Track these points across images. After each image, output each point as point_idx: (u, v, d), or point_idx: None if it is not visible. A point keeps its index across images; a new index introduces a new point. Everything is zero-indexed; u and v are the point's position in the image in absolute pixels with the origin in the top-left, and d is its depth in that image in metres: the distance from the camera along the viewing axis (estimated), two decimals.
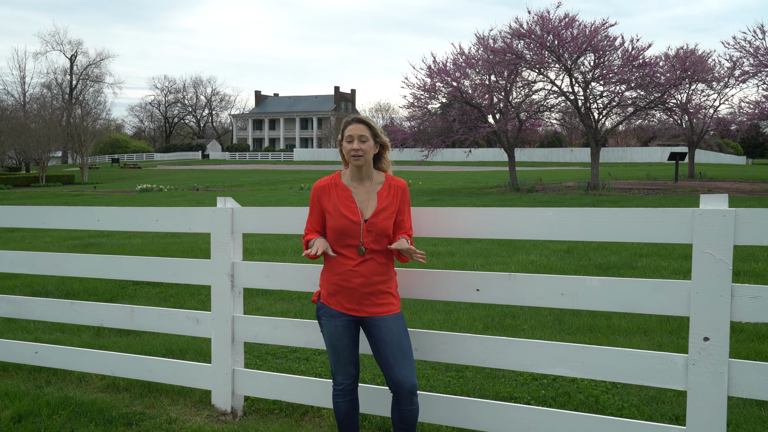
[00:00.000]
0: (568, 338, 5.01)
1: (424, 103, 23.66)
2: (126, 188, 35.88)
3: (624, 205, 15.80)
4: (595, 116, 22.29)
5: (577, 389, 4.02)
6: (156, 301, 6.58)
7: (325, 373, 4.42)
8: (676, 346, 4.70)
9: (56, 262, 4.22)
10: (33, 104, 65.62)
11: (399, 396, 2.87)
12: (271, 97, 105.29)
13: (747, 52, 22.39)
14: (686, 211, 2.80)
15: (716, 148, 56.47)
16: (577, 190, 21.18)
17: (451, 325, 5.44)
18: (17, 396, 4.08)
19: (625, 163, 54.02)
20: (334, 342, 2.96)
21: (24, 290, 7.13)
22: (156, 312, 3.99)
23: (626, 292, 2.92)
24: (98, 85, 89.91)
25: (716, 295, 2.73)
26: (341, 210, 2.92)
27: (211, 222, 3.76)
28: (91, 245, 10.93)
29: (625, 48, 20.76)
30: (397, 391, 2.87)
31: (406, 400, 2.87)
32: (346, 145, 2.92)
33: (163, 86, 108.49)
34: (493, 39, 22.59)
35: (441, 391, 4.02)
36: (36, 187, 41.78)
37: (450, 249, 9.51)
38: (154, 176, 49.69)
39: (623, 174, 33.71)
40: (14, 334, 5.41)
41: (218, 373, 3.80)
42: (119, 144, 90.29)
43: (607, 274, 7.30)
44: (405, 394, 2.86)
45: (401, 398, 2.87)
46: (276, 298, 6.60)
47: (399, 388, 2.86)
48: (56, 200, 25.77)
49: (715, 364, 2.75)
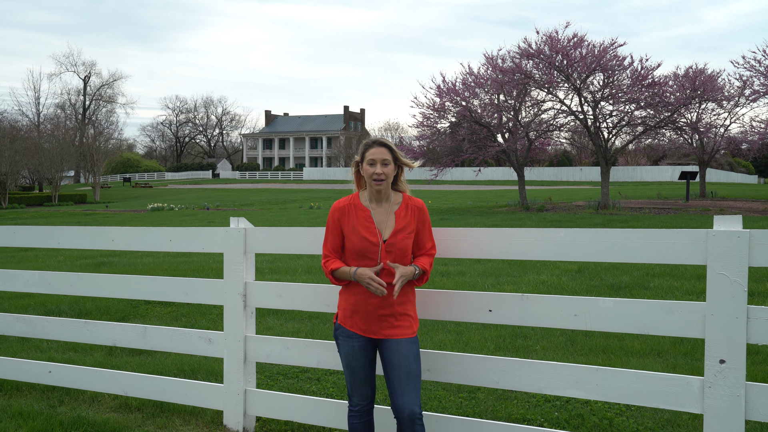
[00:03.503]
0: (580, 359, 4.97)
1: (433, 123, 23.77)
2: (137, 207, 36.14)
3: (635, 224, 15.72)
4: (605, 135, 22.28)
5: (590, 411, 3.98)
6: (167, 321, 6.60)
7: (337, 393, 4.40)
8: (691, 368, 4.65)
9: (71, 282, 4.26)
10: (47, 124, 66.56)
11: (399, 422, 2.88)
12: (281, 116, 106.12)
13: (757, 72, 22.37)
14: (700, 232, 2.79)
15: (727, 167, 56.19)
16: (588, 210, 21.11)
17: (462, 346, 5.41)
18: (31, 415, 4.09)
19: (635, 182, 53.81)
20: (351, 363, 2.96)
21: (38, 309, 7.17)
22: (169, 332, 4.01)
23: (640, 314, 2.90)
24: (111, 105, 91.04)
25: (732, 317, 2.71)
26: (360, 231, 2.93)
27: (224, 242, 3.78)
28: (103, 264, 10.99)
29: (634, 68, 20.81)
30: (398, 417, 2.87)
31: (406, 426, 2.86)
32: (368, 168, 2.93)
33: (175, 106, 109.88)
34: (501, 59, 22.73)
35: (453, 412, 3.99)
36: (49, 206, 42.17)
37: (460, 269, 9.49)
38: (164, 195, 50.03)
39: (633, 193, 33.57)
40: (28, 354, 5.44)
41: (230, 393, 3.80)
42: (131, 163, 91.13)
43: (619, 295, 7.25)
44: (404, 420, 2.85)
45: (401, 424, 2.87)
46: (287, 318, 6.60)
47: (399, 414, 2.85)
48: (69, 219, 25.98)
49: (731, 387, 2.72)
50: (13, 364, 4.47)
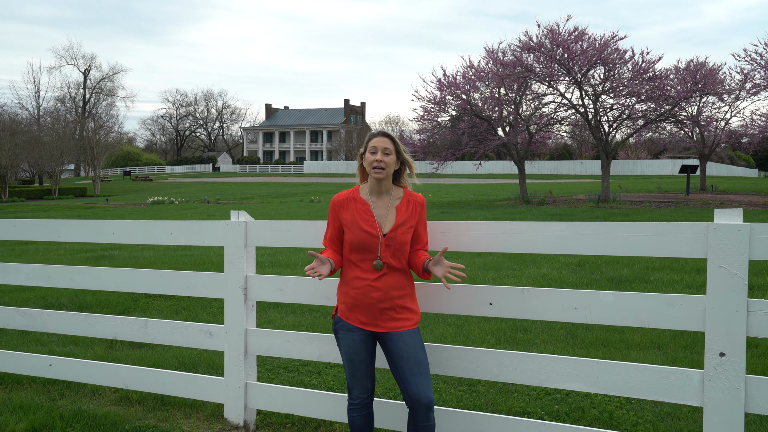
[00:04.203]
0: (580, 352, 4.98)
1: (434, 116, 23.73)
2: (138, 201, 36.14)
3: (636, 218, 15.72)
4: (606, 129, 22.26)
5: (590, 404, 3.99)
6: (168, 314, 6.61)
7: (337, 387, 4.41)
8: (691, 361, 4.66)
9: (71, 275, 4.26)
10: (47, 118, 66.48)
11: (416, 411, 2.86)
12: (282, 110, 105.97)
13: (758, 65, 22.32)
14: (700, 225, 2.79)
15: (728, 160, 56.16)
16: (588, 203, 21.10)
17: (462, 339, 5.42)
18: (31, 409, 4.10)
19: (636, 175, 53.79)
20: (351, 356, 2.96)
21: (38, 303, 7.18)
22: (170, 325, 4.01)
23: (640, 307, 2.90)
24: (111, 98, 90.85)
25: (732, 310, 2.71)
26: (360, 224, 2.93)
27: (225, 235, 3.78)
28: (103, 258, 11.00)
29: (635, 61, 20.76)
30: (414, 407, 2.86)
31: (422, 415, 2.86)
32: (369, 156, 2.93)
33: (175, 99, 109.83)
34: (502, 52, 22.68)
35: (453, 405, 4.00)
36: (49, 200, 42.18)
37: (461, 262, 9.50)
38: (165, 189, 50.01)
39: (634, 187, 33.55)
40: (28, 347, 5.45)
41: (231, 386, 3.81)
42: (131, 157, 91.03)
43: (620, 288, 7.26)
44: (422, 410, 2.85)
45: (418, 414, 2.86)
46: (287, 311, 6.61)
47: (416, 404, 2.85)
48: (69, 213, 25.99)
49: (731, 380, 2.73)
50: (14, 357, 4.48)
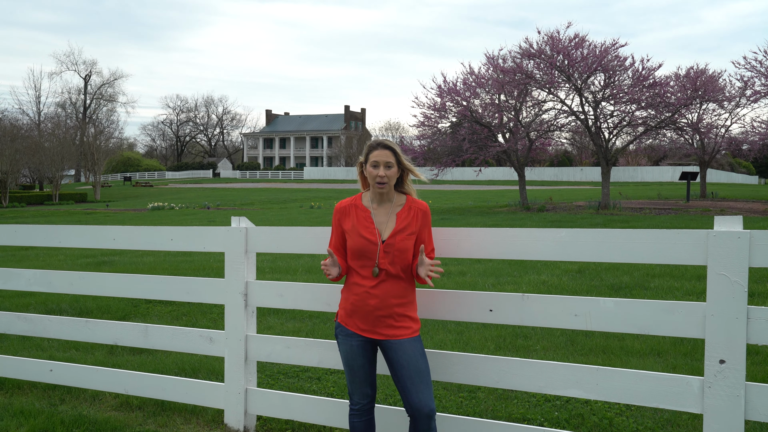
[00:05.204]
0: (580, 359, 4.98)
1: (434, 122, 23.76)
2: (138, 206, 36.14)
3: (636, 224, 15.72)
4: (606, 135, 22.28)
5: (590, 411, 3.99)
6: (168, 320, 6.61)
7: (337, 392, 4.41)
8: (691, 368, 4.66)
9: (72, 281, 4.27)
10: (47, 123, 66.65)
11: (416, 421, 2.87)
12: (282, 116, 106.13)
13: (758, 72, 22.37)
14: (700, 232, 2.80)
15: (728, 167, 56.18)
16: (588, 210, 21.11)
17: (462, 345, 5.42)
18: (32, 414, 4.10)
19: (636, 182, 53.80)
20: (350, 362, 2.97)
21: (38, 308, 7.18)
22: (170, 331, 4.02)
23: (640, 314, 2.91)
24: (111, 104, 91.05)
25: (732, 318, 2.72)
26: (359, 230, 2.95)
27: (226, 241, 3.79)
28: (104, 263, 11.00)
29: (635, 68, 20.81)
30: (415, 416, 2.86)
31: (423, 424, 2.85)
32: (372, 170, 2.94)
33: (175, 105, 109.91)
34: (502, 59, 22.73)
35: (453, 411, 4.00)
36: (49, 205, 42.19)
37: (461, 268, 9.50)
38: (165, 194, 50.04)
39: (634, 193, 33.56)
40: (29, 352, 5.45)
41: (231, 392, 3.81)
42: (131, 162, 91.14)
43: (620, 295, 7.26)
44: (422, 419, 2.85)
45: (419, 423, 2.86)
46: (287, 317, 6.61)
47: (417, 413, 2.85)
48: (69, 218, 26.00)
49: (731, 387, 2.73)
50: (15, 362, 4.49)
